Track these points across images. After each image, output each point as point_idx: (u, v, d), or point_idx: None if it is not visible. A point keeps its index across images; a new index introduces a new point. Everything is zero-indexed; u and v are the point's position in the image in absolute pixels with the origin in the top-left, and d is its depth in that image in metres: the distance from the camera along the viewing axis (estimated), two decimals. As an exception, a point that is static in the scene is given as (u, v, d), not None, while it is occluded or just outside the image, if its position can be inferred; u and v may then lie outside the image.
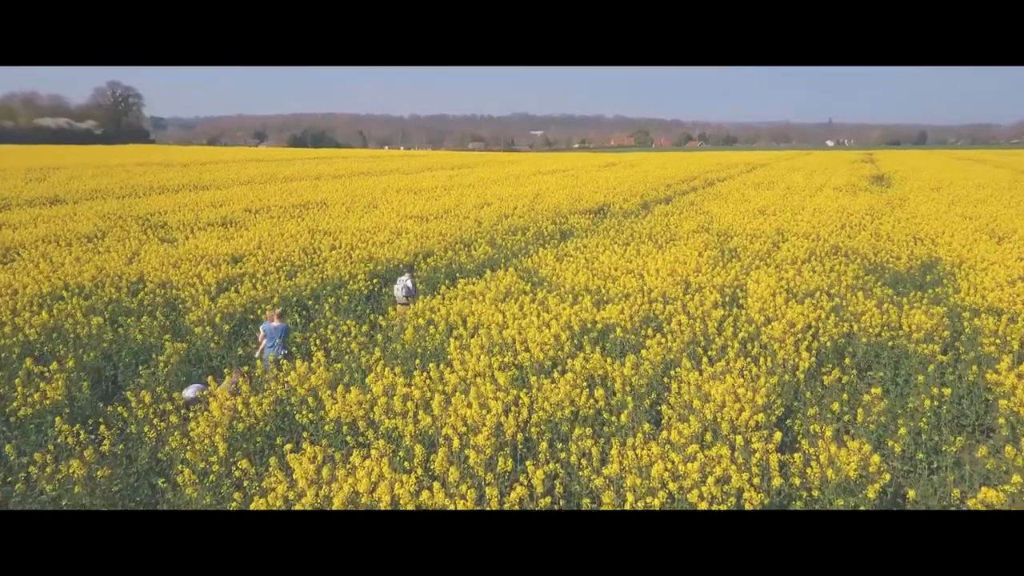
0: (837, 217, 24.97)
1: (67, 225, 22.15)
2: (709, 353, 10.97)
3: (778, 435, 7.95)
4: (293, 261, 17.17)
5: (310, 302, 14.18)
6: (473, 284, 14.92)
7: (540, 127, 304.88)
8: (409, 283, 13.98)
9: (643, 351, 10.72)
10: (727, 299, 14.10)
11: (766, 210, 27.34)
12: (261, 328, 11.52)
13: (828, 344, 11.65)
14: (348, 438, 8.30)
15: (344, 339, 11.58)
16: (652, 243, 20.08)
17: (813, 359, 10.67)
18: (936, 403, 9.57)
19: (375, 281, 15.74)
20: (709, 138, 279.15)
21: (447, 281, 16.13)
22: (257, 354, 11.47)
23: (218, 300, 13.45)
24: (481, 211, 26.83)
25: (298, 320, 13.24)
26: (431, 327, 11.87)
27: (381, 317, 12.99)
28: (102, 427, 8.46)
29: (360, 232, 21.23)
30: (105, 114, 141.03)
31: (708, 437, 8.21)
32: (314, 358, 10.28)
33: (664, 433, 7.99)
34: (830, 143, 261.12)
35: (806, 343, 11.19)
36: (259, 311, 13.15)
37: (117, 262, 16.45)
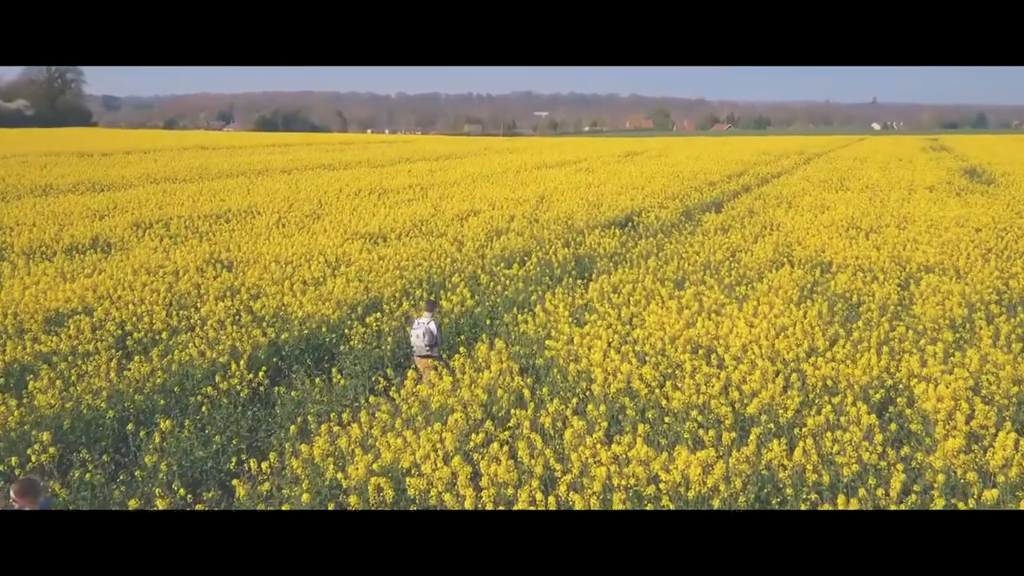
0: (965, 235, 19.65)
1: None
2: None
3: None
4: (152, 324, 11.91)
5: (130, 426, 8.74)
6: (433, 377, 9.65)
7: (545, 107, 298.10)
8: (433, 327, 10.64)
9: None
10: (885, 420, 8.80)
11: (859, 223, 21.98)
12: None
13: None
14: None
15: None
16: (717, 284, 14.77)
17: None
18: None
19: (267, 369, 10.38)
20: (738, 120, 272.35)
21: (391, 369, 10.70)
22: None
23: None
24: (464, 225, 21.48)
25: (89, 477, 7.77)
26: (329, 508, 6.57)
27: (236, 482, 7.49)
28: None
29: (279, 264, 15.97)
30: (38, 92, 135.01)
31: None
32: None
33: None
34: (876, 126, 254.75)
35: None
36: (26, 451, 7.80)
37: None
